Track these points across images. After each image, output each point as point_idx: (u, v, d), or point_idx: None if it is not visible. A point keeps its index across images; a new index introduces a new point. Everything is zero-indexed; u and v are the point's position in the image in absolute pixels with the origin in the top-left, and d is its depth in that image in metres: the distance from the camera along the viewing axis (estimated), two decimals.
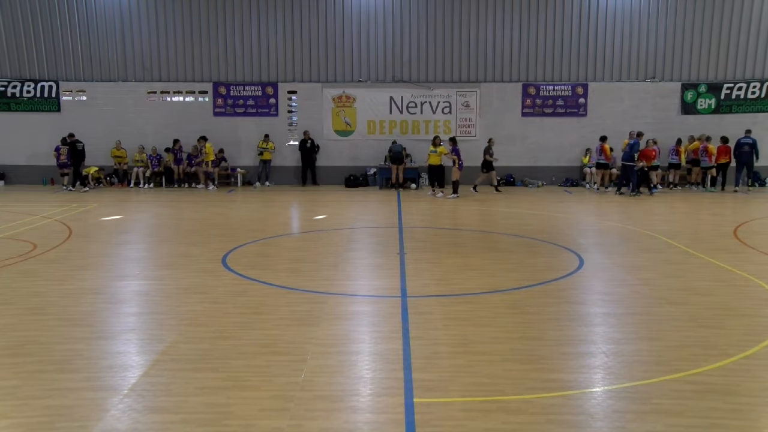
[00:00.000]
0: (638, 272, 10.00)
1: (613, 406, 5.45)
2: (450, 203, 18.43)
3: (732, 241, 12.56)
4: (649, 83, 21.92)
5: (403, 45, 22.36)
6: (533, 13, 21.98)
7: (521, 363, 6.24)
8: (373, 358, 6.42)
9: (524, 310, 8.03)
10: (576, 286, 9.37)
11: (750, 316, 7.78)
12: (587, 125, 22.13)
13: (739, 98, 21.90)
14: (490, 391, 5.54)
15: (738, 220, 14.96)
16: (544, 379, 5.84)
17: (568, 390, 5.65)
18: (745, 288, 9.05)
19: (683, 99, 22.11)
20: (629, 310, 8.16)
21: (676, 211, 17.06)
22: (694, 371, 6.01)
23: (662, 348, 6.70)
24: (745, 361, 6.31)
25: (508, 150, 22.34)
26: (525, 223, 14.85)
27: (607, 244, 12.40)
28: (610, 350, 6.78)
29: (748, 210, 16.74)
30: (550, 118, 22.50)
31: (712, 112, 22.01)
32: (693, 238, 12.64)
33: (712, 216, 16.06)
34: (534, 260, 10.90)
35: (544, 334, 7.14)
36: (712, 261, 10.62)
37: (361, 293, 8.82)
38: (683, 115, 22.12)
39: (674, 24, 21.65)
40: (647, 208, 17.47)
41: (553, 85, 22.38)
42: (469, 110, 22.68)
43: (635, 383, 5.78)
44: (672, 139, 21.71)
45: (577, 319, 7.84)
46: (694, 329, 7.32)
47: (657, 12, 21.78)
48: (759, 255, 11.21)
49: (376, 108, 22.81)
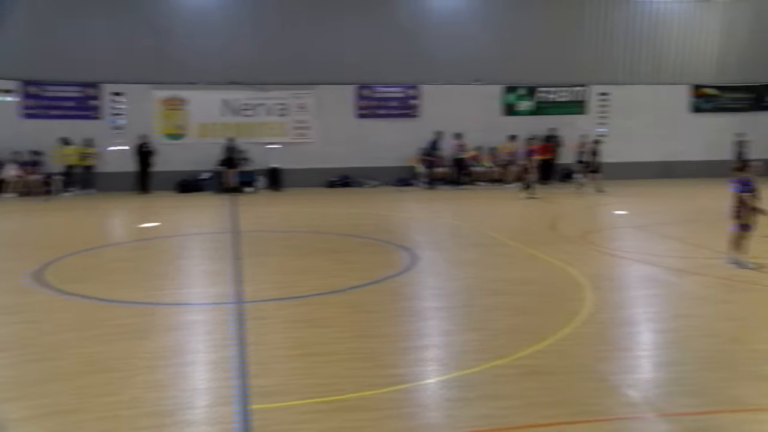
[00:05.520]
0: (467, 266, 10.53)
1: (445, 395, 5.69)
2: (289, 207, 18.36)
3: (546, 232, 13.59)
4: (475, 86, 23.14)
5: (237, 46, 21.87)
6: (368, 16, 22.41)
7: (360, 361, 6.34)
8: (207, 368, 6.22)
9: (363, 308, 8.16)
10: (411, 283, 9.69)
11: (563, 300, 8.46)
12: (420, 126, 22.94)
13: (553, 101, 23.77)
14: (330, 391, 5.56)
15: (554, 214, 16.20)
16: (381, 375, 5.97)
17: (404, 384, 5.82)
18: (559, 275, 9.82)
19: (505, 101, 23.62)
20: (459, 303, 8.57)
21: (499, 207, 18.17)
22: (515, 356, 6.43)
23: (488, 336, 7.10)
24: (558, 342, 6.85)
25: (344, 151, 22.61)
26: (362, 223, 15.12)
27: (439, 241, 12.95)
28: (441, 342, 7.08)
29: (562, 205, 18.20)
30: (384, 119, 23.07)
31: (530, 114, 23.69)
32: (514, 232, 13.51)
33: (532, 211, 17.25)
34: (371, 259, 11.13)
35: (381, 331, 7.30)
36: (531, 252, 11.42)
37: (193, 302, 8.51)
38: (506, 116, 23.61)
39: (498, 31, 23.03)
40: (475, 205, 18.45)
41: (386, 87, 22.97)
42: (305, 113, 22.69)
43: (464, 372, 6.07)
44: (496, 140, 23.05)
45: (413, 314, 8.11)
46: (516, 316, 7.83)
47: (483, 19, 23.05)
48: (570, 245, 12.21)
49: (208, 111, 22.10)
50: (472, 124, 22.55)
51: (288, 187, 21.46)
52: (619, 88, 23.49)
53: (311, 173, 21.88)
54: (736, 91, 24.03)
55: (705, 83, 23.99)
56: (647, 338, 7.39)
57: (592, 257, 11.16)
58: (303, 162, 21.55)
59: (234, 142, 21.68)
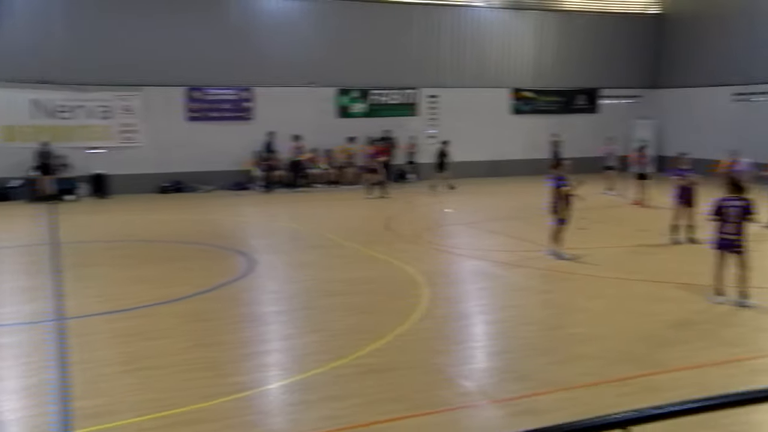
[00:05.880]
0: (306, 269, 10.51)
1: (287, 399, 5.64)
2: (116, 214, 17.27)
3: (383, 232, 13.92)
4: (309, 88, 23.16)
5: (49, 42, 20.17)
6: (197, 16, 21.60)
7: (198, 371, 6.11)
8: (21, 395, 5.68)
9: (200, 317, 7.87)
10: (250, 288, 9.50)
11: (401, 298, 8.70)
12: (254, 129, 22.55)
13: (386, 103, 24.39)
14: (166, 406, 5.30)
15: (389, 214, 16.63)
16: (222, 384, 5.79)
17: (245, 391, 5.68)
18: (396, 273, 10.09)
19: (339, 103, 23.87)
20: (299, 305, 8.54)
21: (336, 209, 18.35)
22: (355, 355, 6.52)
23: (328, 337, 7.13)
24: (397, 338, 7.04)
25: (175, 155, 21.67)
26: (197, 229, 14.59)
27: (277, 244, 12.81)
28: (282, 346, 7.01)
29: (397, 204, 18.73)
30: (217, 122, 22.41)
31: (364, 116, 24.14)
32: (352, 233, 13.68)
33: (369, 211, 17.59)
34: (208, 266, 10.76)
35: (220, 339, 7.09)
36: (369, 252, 11.64)
37: (5, 322, 7.73)
38: (340, 119, 23.87)
39: (330, 33, 23.19)
40: (313, 207, 18.46)
41: (218, 89, 22.33)
42: (131, 115, 21.45)
43: (305, 375, 6.05)
44: (332, 142, 23.23)
45: (252, 320, 7.95)
46: (355, 316, 7.94)
47: (315, 21, 23.10)
48: (406, 244, 12.61)
49: (16, 112, 20.13)
50: (307, 127, 22.53)
51: (115, 193, 20.20)
52: (446, 91, 24.59)
53: (141, 179, 20.71)
54: (550, 95, 26.06)
55: (523, 87, 25.79)
56: (479, 330, 7.80)
57: (427, 255, 11.59)
58: (131, 167, 20.32)
59: (49, 147, 19.95)
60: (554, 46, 25.82)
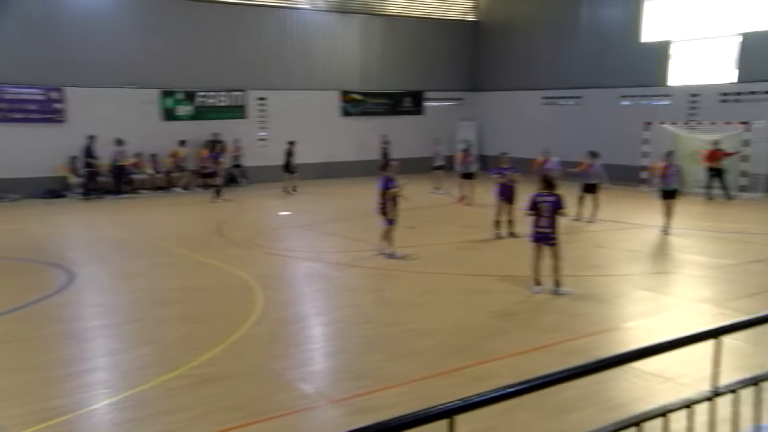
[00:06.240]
0: (134, 279, 9.93)
1: (114, 419, 5.28)
2: None
3: (215, 238, 13.52)
4: (130, 90, 21.91)
5: None
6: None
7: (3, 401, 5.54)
8: None
9: (7, 339, 7.15)
10: (68, 303, 8.79)
11: (235, 303, 8.48)
12: (69, 132, 20.91)
13: (213, 105, 23.70)
14: None
15: (220, 219, 16.18)
16: (35, 411, 5.30)
17: (64, 415, 5.25)
18: (230, 279, 9.84)
19: (164, 106, 22.82)
20: (127, 318, 8.05)
21: (164, 215, 17.54)
22: (189, 365, 6.26)
23: (160, 349, 6.79)
24: (232, 345, 6.87)
25: None
26: (3, 242, 13.26)
27: (99, 255, 11.97)
28: (108, 363, 6.57)
29: (229, 208, 18.27)
30: (22, 124, 20.49)
31: (191, 119, 23.27)
32: (182, 239, 13.13)
33: (199, 217, 16.96)
34: (17, 282, 9.80)
35: (32, 361, 6.49)
36: (201, 259, 11.24)
37: None
38: (165, 121, 22.82)
39: (150, 34, 22.07)
40: (139, 214, 17.50)
41: (21, 88, 20.41)
42: None
43: (135, 390, 5.72)
44: (158, 145, 22.15)
45: (72, 337, 7.37)
46: (188, 325, 7.63)
47: (131, 21, 21.85)
48: (238, 249, 12.34)
49: None
50: (131, 130, 21.29)
51: None
52: (275, 93, 24.38)
53: None
54: (377, 97, 26.73)
55: (351, 89, 26.24)
56: (315, 332, 7.81)
57: (260, 259, 11.41)
58: None
59: None
60: (380, 50, 26.54)
